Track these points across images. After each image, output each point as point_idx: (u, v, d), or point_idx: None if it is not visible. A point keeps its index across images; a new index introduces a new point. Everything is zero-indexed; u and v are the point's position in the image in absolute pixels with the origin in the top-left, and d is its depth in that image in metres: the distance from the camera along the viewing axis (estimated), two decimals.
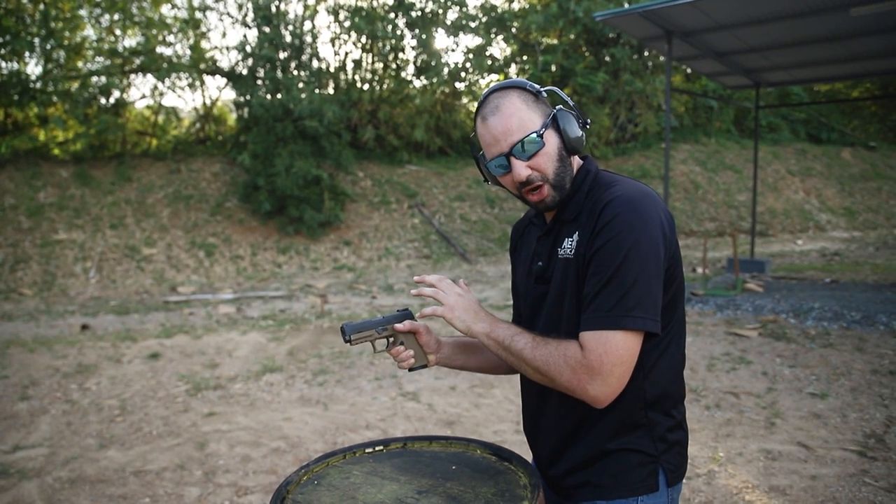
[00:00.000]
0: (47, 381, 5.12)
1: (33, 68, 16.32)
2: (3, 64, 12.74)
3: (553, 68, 14.85)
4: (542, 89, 1.22)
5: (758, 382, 4.47)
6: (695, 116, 18.53)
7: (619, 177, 1.23)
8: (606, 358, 1.07)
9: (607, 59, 15.03)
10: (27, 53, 12.36)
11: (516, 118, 1.17)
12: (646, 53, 15.74)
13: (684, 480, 3.01)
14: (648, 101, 16.03)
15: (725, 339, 5.62)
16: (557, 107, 1.23)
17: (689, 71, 16.44)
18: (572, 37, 15.10)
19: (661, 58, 13.89)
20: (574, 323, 1.18)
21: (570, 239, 1.21)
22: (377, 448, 1.51)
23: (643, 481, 1.19)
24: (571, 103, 1.23)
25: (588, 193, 1.22)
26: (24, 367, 5.50)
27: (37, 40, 12.27)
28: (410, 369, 1.41)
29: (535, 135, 1.16)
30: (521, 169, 1.18)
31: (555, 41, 15.58)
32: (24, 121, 12.82)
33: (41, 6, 12.70)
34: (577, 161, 1.28)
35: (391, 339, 1.41)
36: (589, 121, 1.23)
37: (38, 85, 12.22)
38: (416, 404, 4.40)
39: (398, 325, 1.38)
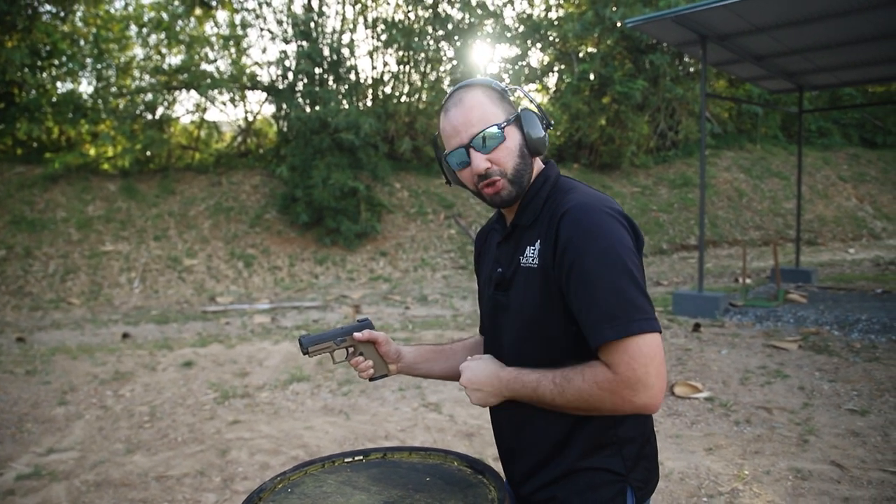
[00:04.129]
0: (85, 387, 5.30)
1: (85, 87, 17.03)
2: (59, 84, 13.43)
3: (591, 77, 14.69)
4: (507, 87, 1.21)
5: (793, 397, 4.26)
6: (739, 122, 18.03)
7: (577, 183, 1.20)
8: (637, 363, 1.03)
9: (647, 65, 14.78)
10: (80, 73, 12.98)
11: (478, 111, 1.16)
12: (686, 59, 15.43)
13: (705, 499, 2.89)
14: (689, 107, 15.69)
15: (762, 351, 5.40)
16: (522, 107, 1.21)
17: (733, 76, 16.03)
18: (610, 43, 14.92)
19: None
20: (538, 334, 1.15)
21: (532, 247, 1.17)
22: (356, 458, 1.49)
23: (610, 501, 1.16)
24: (537, 103, 1.21)
25: (547, 199, 1.19)
26: (65, 374, 5.70)
27: (89, 60, 12.87)
28: (371, 379, 1.40)
29: (495, 128, 1.15)
30: (480, 161, 1.16)
31: (593, 49, 15.43)
32: (76, 137, 13.43)
33: (94, 29, 13.34)
34: (538, 165, 1.25)
35: (350, 350, 1.40)
36: (552, 122, 1.21)
37: (90, 103, 12.80)
38: (437, 415, 4.37)
39: (357, 335, 1.37)
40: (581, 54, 15.29)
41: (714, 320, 6.66)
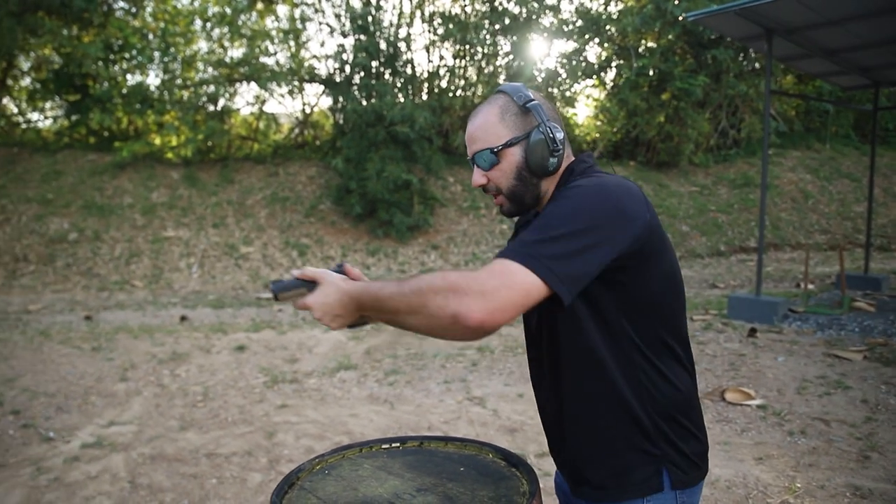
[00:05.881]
0: (144, 365, 5.55)
1: (153, 79, 17.81)
2: (129, 76, 14.07)
3: (650, 72, 14.31)
4: (529, 103, 1.17)
5: (855, 410, 4.06)
6: (807, 120, 17.21)
7: (601, 172, 1.20)
8: (500, 278, 0.94)
9: (709, 61, 14.28)
10: (148, 66, 13.57)
11: (481, 130, 1.20)
12: (751, 54, 14.83)
13: None
14: (753, 104, 15.08)
15: (823, 360, 5.16)
16: (537, 126, 1.17)
17: (801, 72, 15.33)
18: (671, 38, 14.49)
19: None
20: (569, 322, 1.13)
21: None
22: (393, 445, 1.51)
23: (645, 482, 1.15)
24: (548, 124, 1.16)
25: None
26: (127, 352, 5.99)
27: (157, 54, 13.43)
28: (349, 327, 1.24)
29: (489, 151, 1.18)
30: (478, 176, 1.23)
31: (653, 44, 15.03)
32: (143, 127, 14.05)
33: (162, 23, 13.90)
34: (568, 160, 1.25)
35: None
36: (560, 148, 1.17)
37: (156, 94, 13.36)
38: (481, 409, 4.37)
39: None
40: (640, 49, 14.91)
41: (772, 326, 6.40)
